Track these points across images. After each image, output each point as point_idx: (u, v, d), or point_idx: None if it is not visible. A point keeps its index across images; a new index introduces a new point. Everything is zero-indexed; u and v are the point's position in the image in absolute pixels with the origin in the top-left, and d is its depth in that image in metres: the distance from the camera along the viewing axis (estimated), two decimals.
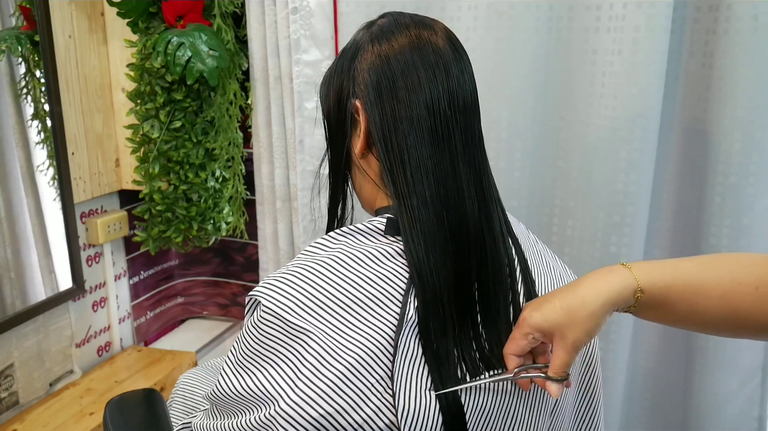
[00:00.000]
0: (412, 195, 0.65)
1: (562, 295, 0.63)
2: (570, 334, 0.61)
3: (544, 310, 0.63)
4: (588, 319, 0.61)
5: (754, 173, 1.13)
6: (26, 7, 1.29)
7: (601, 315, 0.62)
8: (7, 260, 1.30)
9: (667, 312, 0.64)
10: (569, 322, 0.61)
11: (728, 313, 0.62)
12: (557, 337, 0.62)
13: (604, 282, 0.63)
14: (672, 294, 0.63)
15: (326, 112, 0.76)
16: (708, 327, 0.65)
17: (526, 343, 0.64)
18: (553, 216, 1.30)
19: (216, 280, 1.84)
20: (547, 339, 0.64)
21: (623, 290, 0.62)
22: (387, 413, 0.62)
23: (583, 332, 0.61)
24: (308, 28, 1.30)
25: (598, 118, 1.19)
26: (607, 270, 0.64)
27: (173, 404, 0.93)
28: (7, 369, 1.31)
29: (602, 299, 0.62)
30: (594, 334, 0.62)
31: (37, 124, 1.34)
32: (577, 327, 0.61)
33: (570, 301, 0.62)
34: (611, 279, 0.63)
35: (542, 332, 0.63)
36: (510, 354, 0.65)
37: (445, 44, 0.68)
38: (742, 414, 1.22)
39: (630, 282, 0.62)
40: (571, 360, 0.62)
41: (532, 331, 0.63)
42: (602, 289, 0.62)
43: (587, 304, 0.61)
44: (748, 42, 1.09)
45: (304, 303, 0.62)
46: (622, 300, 0.62)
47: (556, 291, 0.65)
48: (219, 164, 1.49)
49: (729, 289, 0.62)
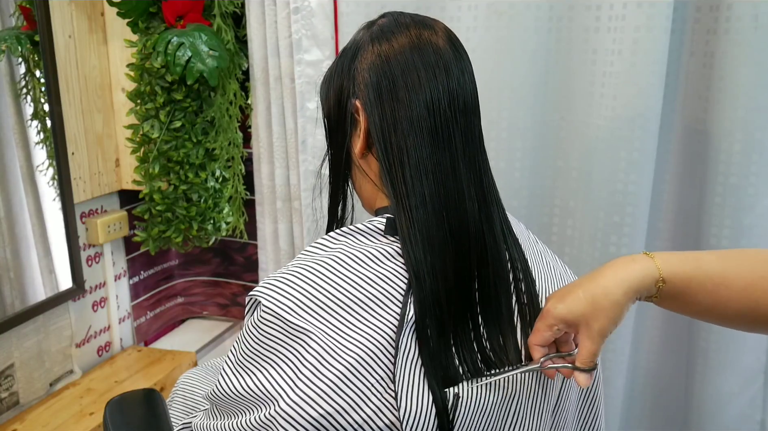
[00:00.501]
0: (410, 195, 0.65)
1: (585, 285, 0.63)
2: (595, 323, 0.62)
3: (567, 301, 0.63)
4: (612, 308, 0.62)
5: (754, 173, 1.13)
6: (26, 7, 1.29)
7: (625, 303, 0.62)
8: (6, 260, 1.30)
9: (688, 304, 0.64)
10: (593, 311, 0.62)
11: (749, 306, 0.62)
12: (583, 327, 0.62)
13: (627, 271, 0.63)
14: (693, 285, 0.63)
15: (326, 112, 0.76)
16: (728, 320, 0.65)
17: (551, 334, 0.65)
18: (553, 217, 1.30)
19: (216, 280, 1.84)
20: (572, 330, 0.64)
21: (645, 278, 0.63)
22: (387, 413, 0.62)
23: (608, 320, 0.62)
24: (309, 28, 1.30)
25: (598, 118, 1.19)
26: (630, 259, 0.64)
27: (173, 404, 0.93)
28: (8, 369, 1.31)
29: (625, 287, 0.62)
30: (619, 322, 0.63)
31: (37, 124, 1.34)
32: (602, 315, 0.61)
33: (593, 291, 0.62)
34: (633, 267, 0.63)
35: (567, 323, 0.63)
36: (535, 345, 0.66)
37: (445, 44, 0.68)
38: (744, 417, 1.22)
39: (652, 272, 0.63)
40: (598, 349, 0.63)
41: (556, 323, 0.64)
42: (624, 278, 0.62)
43: (610, 293, 0.62)
44: (748, 42, 1.09)
45: (304, 303, 0.62)
46: (644, 289, 0.63)
47: (578, 281, 0.65)
48: (219, 164, 1.49)
49: (750, 282, 0.62)
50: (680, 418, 1.31)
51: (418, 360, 0.63)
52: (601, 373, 0.83)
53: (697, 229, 1.22)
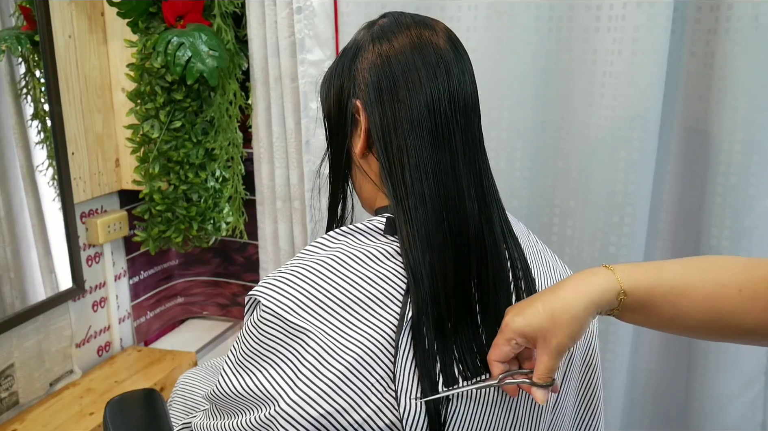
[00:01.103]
0: (410, 195, 0.65)
1: (545, 298, 0.62)
2: (553, 338, 0.60)
3: (526, 314, 0.62)
4: (571, 322, 0.60)
5: (755, 174, 1.13)
6: (26, 7, 1.29)
7: (585, 317, 0.61)
8: (6, 260, 1.30)
9: (651, 315, 0.63)
10: (552, 326, 0.60)
11: (712, 316, 0.61)
12: (540, 342, 0.61)
13: (587, 285, 0.62)
14: (655, 297, 0.62)
15: (327, 112, 0.76)
16: (692, 331, 0.64)
17: (510, 349, 0.63)
18: (553, 217, 1.30)
19: (216, 280, 1.84)
20: (530, 344, 0.63)
21: (606, 292, 0.61)
22: (387, 413, 0.62)
23: (567, 335, 0.60)
24: (312, 27, 1.30)
25: (598, 118, 1.19)
26: (590, 273, 0.63)
27: (173, 404, 0.93)
28: (8, 369, 1.31)
29: (585, 301, 0.61)
30: (578, 338, 0.61)
31: (37, 124, 1.34)
32: (561, 330, 0.60)
33: (553, 304, 0.61)
34: (594, 281, 0.62)
35: (525, 337, 0.62)
36: (494, 361, 0.64)
37: (446, 44, 0.68)
38: (745, 419, 1.22)
39: (613, 284, 0.62)
40: (555, 364, 0.61)
41: (515, 336, 0.62)
42: (585, 291, 0.61)
43: (570, 307, 0.60)
44: (749, 42, 1.09)
45: (303, 302, 0.62)
46: (605, 303, 0.61)
47: (538, 295, 0.64)
48: (219, 164, 1.49)
49: (712, 291, 0.61)
50: (680, 420, 1.31)
51: None
52: (601, 374, 0.82)
53: (697, 230, 1.22)
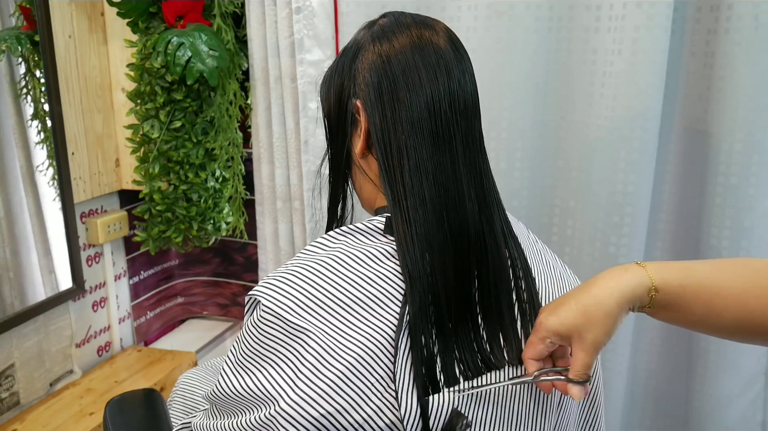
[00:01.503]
0: (408, 196, 0.65)
1: (578, 296, 0.63)
2: (588, 335, 0.61)
3: (560, 313, 0.62)
4: (605, 318, 0.61)
5: (755, 174, 1.13)
6: (26, 7, 1.29)
7: (618, 313, 0.61)
8: (6, 260, 1.30)
9: (683, 313, 0.63)
10: (586, 323, 0.61)
11: (743, 316, 0.62)
12: (576, 339, 0.62)
13: (619, 281, 0.62)
14: (687, 294, 0.62)
15: (327, 112, 0.76)
16: (722, 331, 0.64)
17: (544, 347, 0.64)
18: (553, 217, 1.30)
19: (216, 280, 1.84)
20: (565, 342, 0.63)
21: (638, 287, 0.62)
22: (387, 413, 0.62)
23: (602, 331, 0.61)
24: (311, 28, 1.30)
25: (598, 118, 1.19)
26: (622, 269, 0.63)
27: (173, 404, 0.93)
28: (8, 369, 1.31)
29: (617, 297, 0.61)
30: (612, 333, 0.62)
31: (37, 124, 1.34)
32: (595, 327, 0.61)
33: (586, 301, 0.62)
34: (626, 277, 0.62)
35: (560, 335, 0.62)
36: (529, 359, 0.65)
37: (446, 44, 0.68)
38: (745, 419, 1.22)
39: (644, 281, 0.62)
40: (591, 361, 0.62)
41: (549, 335, 0.63)
42: (617, 287, 0.62)
43: (603, 303, 0.61)
44: (749, 42, 1.09)
45: (303, 302, 0.62)
46: (637, 299, 0.62)
47: (570, 293, 0.64)
48: (219, 164, 1.49)
49: (744, 291, 0.62)
50: (680, 420, 1.31)
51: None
52: (601, 374, 0.82)
53: (697, 230, 1.22)
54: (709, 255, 1.19)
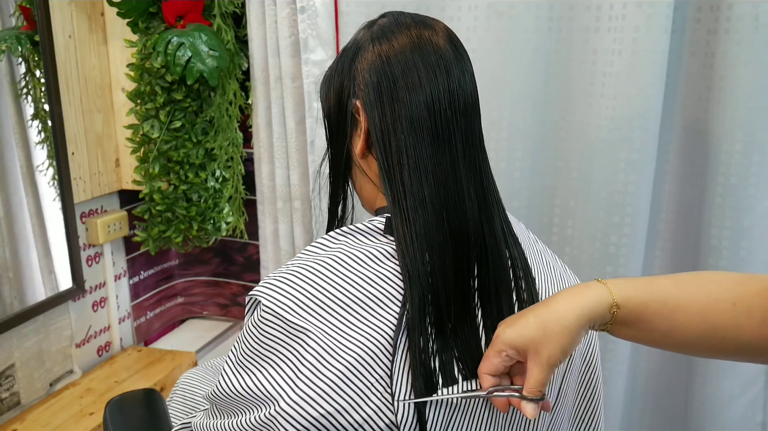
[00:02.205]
0: (408, 196, 0.65)
1: (536, 310, 0.62)
2: (544, 350, 0.60)
3: (517, 326, 0.61)
4: (562, 334, 0.60)
5: (755, 174, 1.13)
6: (26, 7, 1.29)
7: (576, 330, 0.60)
8: (6, 260, 1.30)
9: (645, 330, 0.62)
10: (543, 337, 0.60)
11: (706, 330, 0.61)
12: (531, 354, 0.60)
13: (580, 297, 0.61)
14: (649, 311, 0.61)
15: (327, 112, 0.76)
16: (686, 347, 0.63)
17: (500, 361, 0.62)
18: (554, 217, 1.30)
19: (216, 280, 1.84)
20: (521, 357, 0.62)
21: (599, 305, 0.61)
22: (387, 413, 0.62)
23: (558, 348, 0.60)
24: (314, 27, 1.30)
25: (598, 118, 1.19)
26: (583, 286, 0.63)
27: (173, 404, 0.93)
28: (8, 369, 1.31)
29: (577, 313, 0.60)
30: (569, 351, 0.61)
31: (37, 124, 1.34)
32: (552, 342, 0.59)
33: (544, 316, 0.61)
34: (586, 293, 0.61)
35: (516, 349, 0.61)
36: (484, 374, 0.63)
37: (446, 44, 0.68)
38: (745, 419, 1.22)
39: (605, 297, 0.61)
40: (545, 378, 0.60)
41: (505, 348, 0.62)
42: (577, 303, 0.61)
43: (561, 318, 0.60)
44: (749, 42, 1.09)
45: (304, 302, 0.62)
46: (597, 315, 0.61)
47: (530, 308, 0.64)
48: (219, 164, 1.49)
49: (706, 305, 0.61)
50: (680, 420, 1.31)
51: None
52: (601, 373, 0.82)
53: (697, 230, 1.22)
54: (709, 255, 1.19)
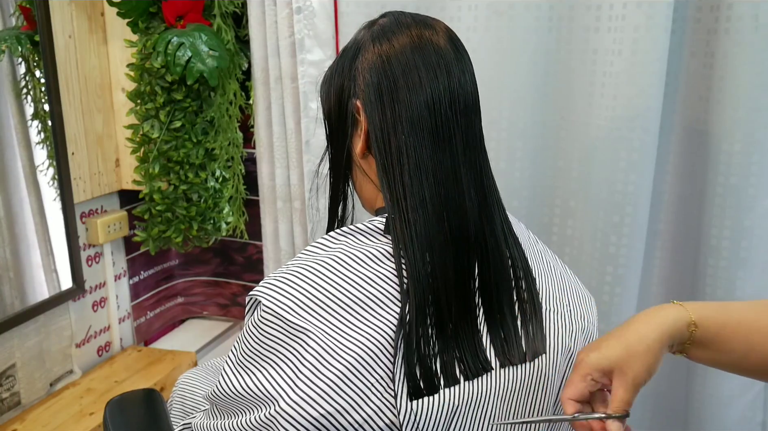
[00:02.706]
0: (408, 196, 0.65)
1: (618, 333, 0.63)
2: (630, 370, 0.61)
3: (601, 349, 0.63)
4: (646, 353, 0.61)
5: (755, 174, 1.13)
6: (26, 7, 1.29)
7: (659, 349, 0.62)
8: (6, 260, 1.30)
9: (723, 352, 0.64)
10: (628, 357, 0.61)
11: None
12: (617, 374, 0.61)
13: (658, 317, 0.63)
14: (726, 331, 0.63)
15: (327, 112, 0.76)
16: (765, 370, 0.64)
17: (585, 386, 0.63)
18: (554, 217, 1.30)
19: (216, 280, 1.84)
20: (606, 379, 0.63)
21: (677, 322, 0.63)
22: (387, 413, 0.62)
23: (643, 367, 0.61)
24: (311, 28, 1.30)
25: (598, 118, 1.19)
26: (660, 307, 0.65)
27: (173, 404, 0.93)
28: (9, 369, 1.31)
29: (658, 331, 0.62)
30: (653, 370, 0.62)
31: (37, 124, 1.34)
32: (637, 362, 0.61)
33: (627, 337, 0.62)
34: (664, 313, 0.63)
35: (601, 371, 0.62)
36: (568, 399, 0.63)
37: (446, 44, 0.68)
38: (745, 419, 1.21)
39: (683, 315, 0.63)
40: (631, 397, 0.61)
41: (591, 371, 0.62)
42: (657, 322, 0.63)
43: (644, 338, 0.62)
44: (749, 42, 1.09)
45: (304, 302, 0.62)
46: (677, 334, 0.63)
47: (609, 333, 0.65)
48: (219, 164, 1.49)
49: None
50: (680, 420, 1.31)
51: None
52: None
53: (697, 230, 1.22)
54: (709, 256, 1.19)
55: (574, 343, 0.74)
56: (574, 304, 0.76)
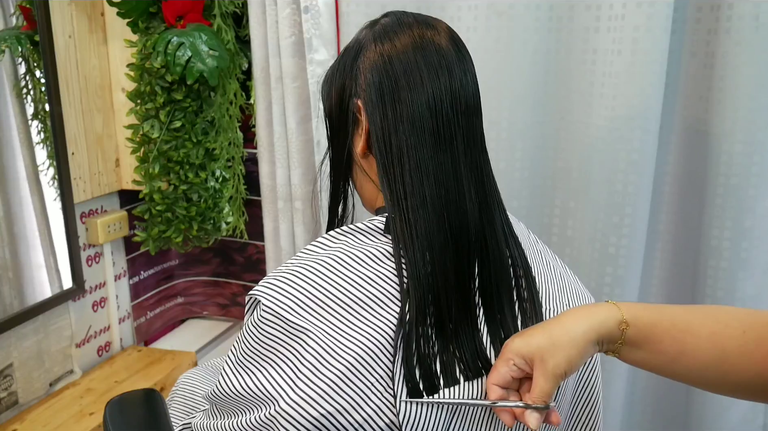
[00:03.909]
0: (409, 196, 0.65)
1: (546, 324, 0.64)
2: (550, 360, 0.60)
3: (524, 336, 0.63)
4: (569, 344, 0.61)
5: (755, 174, 1.13)
6: (26, 7, 1.29)
7: (584, 343, 0.61)
8: (6, 260, 1.30)
9: (654, 352, 0.63)
10: (550, 346, 0.61)
11: (716, 357, 0.61)
12: (537, 362, 0.61)
13: (588, 312, 0.63)
14: (657, 330, 0.62)
15: (328, 111, 0.76)
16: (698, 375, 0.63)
17: (508, 370, 0.63)
18: (554, 217, 1.30)
19: (216, 280, 1.84)
20: (528, 368, 0.62)
21: (607, 319, 0.62)
22: (387, 412, 0.62)
23: (564, 358, 0.60)
24: (318, 27, 1.30)
25: (598, 118, 1.19)
26: (594, 305, 0.65)
27: (173, 404, 0.93)
28: (7, 369, 1.31)
29: (585, 325, 0.62)
30: (575, 364, 0.61)
31: (37, 124, 1.34)
32: (558, 353, 0.60)
33: (552, 327, 0.62)
34: (596, 310, 0.63)
35: (523, 357, 0.62)
36: (492, 384, 0.63)
37: (448, 44, 0.68)
38: (746, 421, 1.21)
39: (615, 314, 0.63)
40: (551, 388, 0.61)
41: (512, 356, 0.62)
42: (585, 317, 0.63)
43: (569, 330, 0.61)
44: (749, 42, 1.09)
45: (303, 302, 0.62)
46: (606, 331, 0.62)
47: (540, 323, 0.65)
48: (219, 164, 1.49)
49: (716, 330, 0.61)
50: (681, 422, 1.31)
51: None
52: (600, 374, 0.82)
53: (697, 230, 1.22)
54: (709, 256, 1.19)
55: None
56: (574, 304, 0.76)
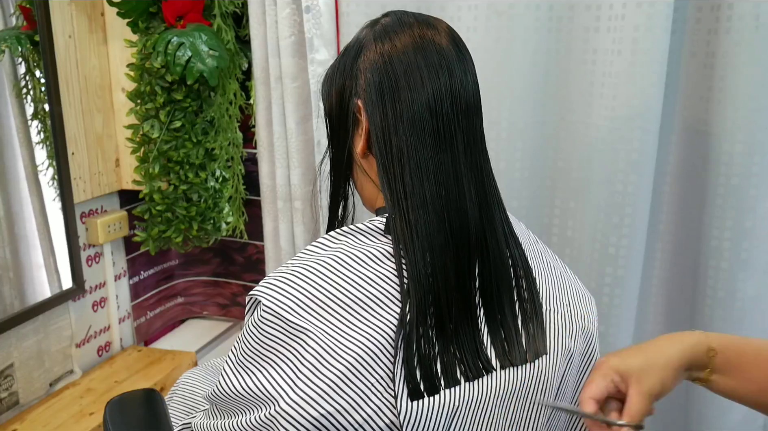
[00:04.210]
0: (409, 196, 0.65)
1: (639, 345, 0.68)
2: (646, 380, 0.64)
3: (622, 354, 0.67)
4: (664, 367, 0.65)
5: (756, 174, 1.13)
6: (26, 7, 1.29)
7: (677, 366, 0.65)
8: (6, 260, 1.30)
9: (743, 381, 0.66)
10: (646, 367, 0.64)
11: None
12: (633, 382, 0.64)
13: (680, 337, 0.68)
14: (745, 359, 0.66)
15: (328, 111, 0.76)
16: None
17: (605, 385, 0.65)
18: (554, 217, 1.30)
19: (216, 280, 1.84)
20: (623, 385, 0.65)
21: (697, 345, 0.67)
22: (387, 413, 0.62)
23: (659, 380, 0.64)
24: (318, 27, 1.30)
25: (598, 118, 1.18)
26: (684, 332, 0.69)
27: (173, 404, 0.93)
28: (7, 369, 1.31)
29: (678, 350, 0.66)
30: (668, 386, 0.65)
31: (37, 124, 1.34)
32: (654, 373, 0.64)
33: (647, 349, 0.67)
34: (685, 336, 0.68)
35: (620, 374, 0.65)
36: (588, 398, 0.65)
37: (448, 44, 0.68)
38: (746, 422, 1.21)
39: (703, 340, 0.67)
40: (645, 407, 0.63)
41: (611, 373, 0.65)
42: (678, 342, 0.67)
43: (664, 353, 0.66)
44: (749, 41, 1.09)
45: (304, 302, 0.62)
46: (696, 357, 0.66)
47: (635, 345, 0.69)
48: (219, 164, 1.49)
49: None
50: (681, 422, 1.30)
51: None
52: None
53: (697, 231, 1.22)
54: (710, 257, 1.18)
55: (574, 343, 0.74)
56: (575, 304, 0.76)
